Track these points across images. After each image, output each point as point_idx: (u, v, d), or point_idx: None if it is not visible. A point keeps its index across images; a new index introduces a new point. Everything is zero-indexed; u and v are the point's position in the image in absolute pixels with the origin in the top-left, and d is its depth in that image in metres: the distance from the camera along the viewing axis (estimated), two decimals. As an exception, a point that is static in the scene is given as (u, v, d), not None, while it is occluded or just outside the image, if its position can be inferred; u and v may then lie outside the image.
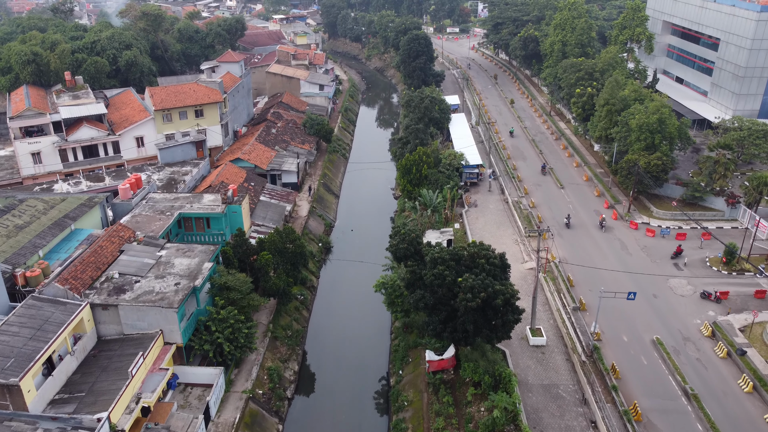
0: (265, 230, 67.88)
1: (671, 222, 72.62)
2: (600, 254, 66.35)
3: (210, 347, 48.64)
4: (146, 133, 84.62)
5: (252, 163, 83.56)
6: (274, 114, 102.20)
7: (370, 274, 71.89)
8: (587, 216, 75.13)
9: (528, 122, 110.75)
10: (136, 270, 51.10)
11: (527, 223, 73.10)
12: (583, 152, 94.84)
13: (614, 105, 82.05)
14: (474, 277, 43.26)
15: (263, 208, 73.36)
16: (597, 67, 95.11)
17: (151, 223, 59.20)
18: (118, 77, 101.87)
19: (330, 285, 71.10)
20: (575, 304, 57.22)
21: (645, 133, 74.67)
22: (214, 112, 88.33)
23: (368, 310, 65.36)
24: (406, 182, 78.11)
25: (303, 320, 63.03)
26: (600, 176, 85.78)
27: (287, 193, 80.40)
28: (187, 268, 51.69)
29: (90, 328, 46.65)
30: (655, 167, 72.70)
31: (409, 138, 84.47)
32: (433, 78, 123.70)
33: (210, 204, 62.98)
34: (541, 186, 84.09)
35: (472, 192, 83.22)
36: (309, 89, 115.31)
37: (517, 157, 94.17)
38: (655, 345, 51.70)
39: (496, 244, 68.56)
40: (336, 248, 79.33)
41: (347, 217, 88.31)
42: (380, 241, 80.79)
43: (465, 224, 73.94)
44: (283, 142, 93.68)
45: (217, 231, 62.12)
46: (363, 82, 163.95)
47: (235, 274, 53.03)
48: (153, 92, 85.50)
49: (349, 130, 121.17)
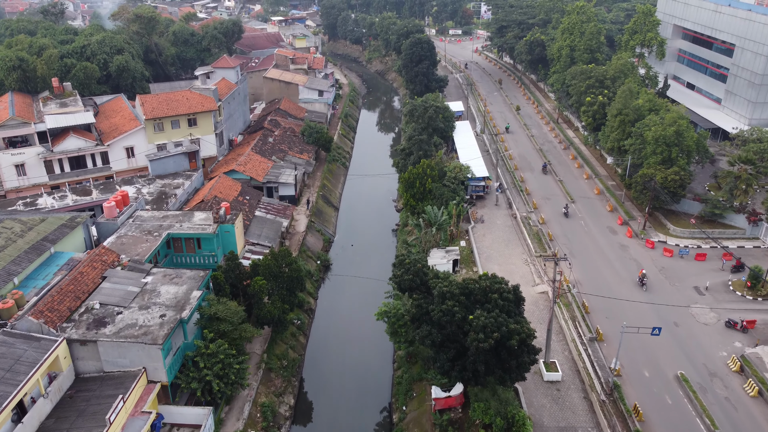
0: (260, 250, 64.00)
1: (689, 240, 68.76)
2: (615, 277, 62.47)
3: (198, 385, 44.76)
4: (136, 144, 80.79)
5: (247, 175, 79.67)
6: (272, 122, 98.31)
7: (371, 293, 68.27)
8: (600, 233, 71.24)
9: (535, 130, 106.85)
10: (119, 300, 47.21)
11: (537, 242, 69.21)
12: (594, 163, 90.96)
13: (627, 115, 78.18)
14: (486, 314, 39.39)
15: (258, 225, 69.48)
16: (608, 75, 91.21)
17: (137, 244, 55.31)
18: (108, 83, 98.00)
19: (329, 307, 67.26)
20: (592, 334, 53.36)
21: (661, 146, 70.80)
22: (208, 121, 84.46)
23: (369, 334, 61.54)
24: (409, 196, 74.24)
25: (300, 347, 59.16)
26: (612, 189, 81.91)
27: (284, 208, 76.51)
28: (174, 297, 47.80)
29: (66, 366, 42.79)
30: (672, 182, 68.83)
31: (412, 149, 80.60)
32: (436, 83, 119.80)
33: (201, 223, 59.09)
34: (551, 200, 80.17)
35: (478, 206, 79.32)
36: (308, 95, 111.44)
37: (525, 168, 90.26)
38: (680, 381, 47.84)
39: (504, 265, 64.99)
40: (335, 265, 75.47)
41: (347, 231, 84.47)
42: (381, 256, 77.25)
43: (471, 242, 70.06)
44: (280, 151, 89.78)
45: (208, 252, 58.23)
46: (363, 85, 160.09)
47: (225, 302, 49.10)
48: (144, 100, 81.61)
49: (350, 137, 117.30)
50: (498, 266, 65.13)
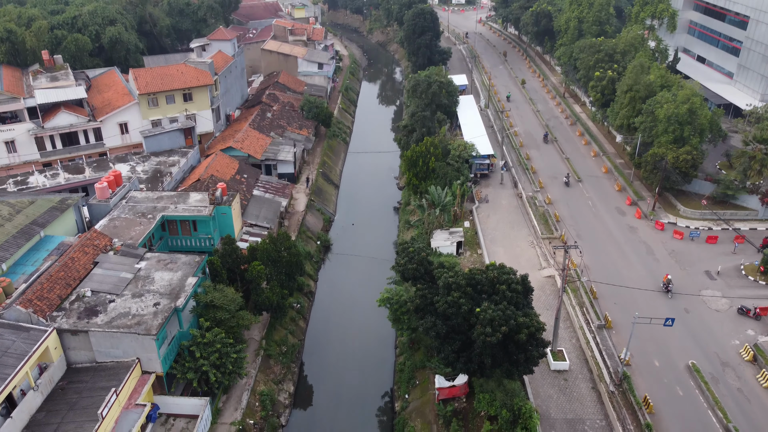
0: (258, 232, 62.12)
1: (700, 222, 66.79)
2: (624, 260, 60.68)
3: (194, 375, 43.30)
4: (130, 119, 78.24)
5: (245, 152, 77.34)
6: (270, 96, 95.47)
7: (372, 273, 66.81)
8: (608, 214, 69.24)
9: (540, 105, 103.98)
10: (112, 287, 45.49)
11: (543, 223, 67.25)
12: (601, 140, 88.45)
13: (638, 92, 75.45)
14: (494, 307, 37.65)
15: (256, 205, 67.45)
16: (618, 48, 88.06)
17: (130, 227, 53.39)
18: (101, 56, 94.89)
19: (329, 289, 65.67)
20: (600, 321, 51.75)
21: (673, 125, 68.32)
22: (204, 96, 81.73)
23: (370, 317, 59.98)
24: (412, 176, 72.01)
25: (299, 332, 57.71)
26: (620, 168, 79.62)
27: (283, 186, 74.38)
28: (168, 283, 46.08)
29: (57, 357, 41.26)
30: (684, 163, 66.56)
31: (415, 126, 78.05)
32: (440, 56, 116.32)
33: (196, 205, 57.07)
34: (557, 179, 77.94)
35: (483, 185, 77.17)
36: (307, 68, 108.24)
37: (530, 145, 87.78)
38: (691, 372, 46.38)
39: (509, 247, 63.19)
40: (336, 246, 73.69)
41: (348, 209, 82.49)
42: (383, 235, 75.54)
43: (476, 223, 68.09)
44: (278, 127, 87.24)
45: (204, 235, 56.37)
46: (364, 57, 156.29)
47: (222, 289, 47.43)
48: (137, 74, 78.78)
49: (350, 111, 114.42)
50: (503, 249, 63.35)
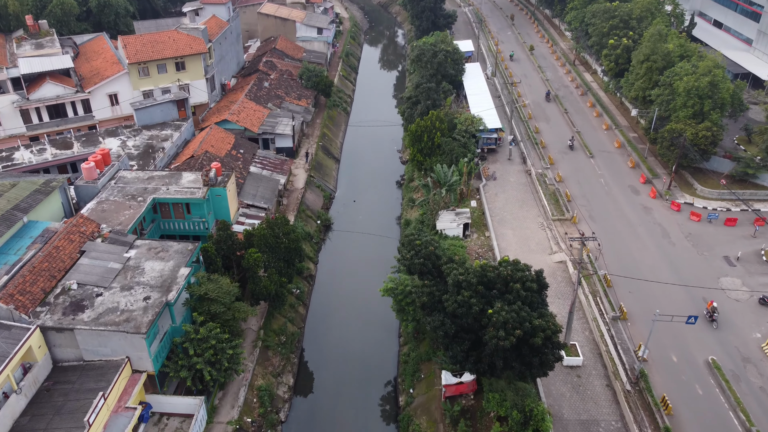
0: (255, 213, 59.17)
1: (718, 203, 63.80)
2: (638, 243, 57.93)
3: (188, 373, 40.97)
4: (120, 90, 74.45)
5: (241, 125, 73.74)
6: (267, 63, 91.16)
7: (374, 254, 64.34)
8: (621, 192, 66.17)
9: (549, 73, 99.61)
10: (99, 278, 42.84)
11: (554, 203, 64.24)
12: (613, 112, 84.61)
13: (656, 62, 71.39)
14: (507, 308, 35.01)
15: (253, 183, 64.32)
16: (633, 14, 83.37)
17: (119, 211, 50.42)
18: (89, 20, 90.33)
19: (330, 272, 63.10)
20: (615, 312, 49.26)
21: (693, 99, 64.65)
22: (197, 65, 77.65)
23: (373, 302, 57.28)
24: (416, 151, 68.68)
25: (299, 319, 55.36)
26: (633, 142, 76.10)
27: (281, 162, 71.08)
28: (159, 275, 43.41)
29: (42, 356, 38.89)
30: (703, 139, 63.17)
31: (420, 98, 74.18)
32: (444, 20, 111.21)
33: (189, 186, 53.96)
34: (568, 154, 74.55)
35: (490, 160, 73.85)
36: (306, 33, 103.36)
37: (539, 118, 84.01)
38: (711, 368, 44.13)
39: (518, 229, 60.41)
40: (337, 224, 70.83)
41: (349, 185, 79.34)
42: (386, 212, 72.70)
43: (483, 202, 65.10)
44: (276, 97, 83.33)
45: (198, 218, 53.44)
46: (365, 19, 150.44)
47: (217, 280, 44.77)
48: (126, 42, 74.54)
49: (351, 78, 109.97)
50: (511, 231, 60.55)
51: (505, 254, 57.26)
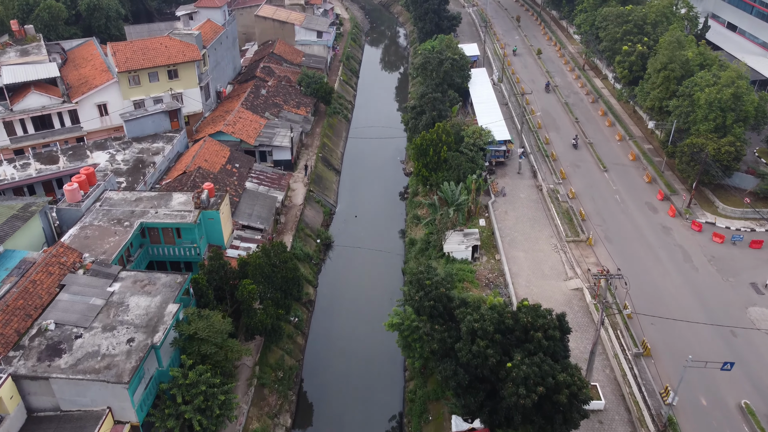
0: (251, 236, 55.56)
1: (741, 222, 60.23)
2: (659, 268, 54.40)
3: (175, 423, 37.51)
4: (110, 100, 70.75)
5: (237, 137, 70.12)
6: (264, 69, 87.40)
7: (378, 275, 61.30)
8: (638, 210, 62.60)
9: (558, 78, 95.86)
10: (79, 317, 39.32)
11: (568, 222, 60.68)
12: (626, 121, 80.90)
13: (674, 71, 67.68)
14: (528, 361, 31.50)
15: (249, 201, 60.72)
16: (648, 19, 79.60)
17: (104, 238, 46.86)
18: (78, 24, 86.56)
19: (330, 296, 59.58)
20: (638, 348, 45.74)
21: (715, 112, 61.04)
22: (191, 72, 73.91)
23: (376, 328, 53.64)
24: (421, 166, 65.07)
25: (297, 350, 51.85)
26: (649, 154, 72.47)
27: (278, 177, 67.44)
28: (145, 312, 39.90)
29: (14, 406, 35.42)
30: (726, 155, 59.59)
31: (425, 108, 70.48)
32: (448, 22, 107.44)
33: (180, 208, 50.41)
34: (580, 167, 70.95)
35: (499, 174, 70.22)
36: (305, 36, 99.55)
37: (550, 127, 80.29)
38: (744, 413, 40.66)
39: (530, 251, 56.84)
40: (338, 241, 67.27)
41: (350, 198, 75.77)
42: (389, 228, 69.36)
43: (492, 221, 61.55)
44: (274, 106, 79.64)
45: (189, 243, 49.92)
46: (366, 19, 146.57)
47: (208, 316, 41.23)
48: (116, 49, 70.78)
49: (352, 83, 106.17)
50: (523, 253, 57.01)
51: (517, 279, 53.84)
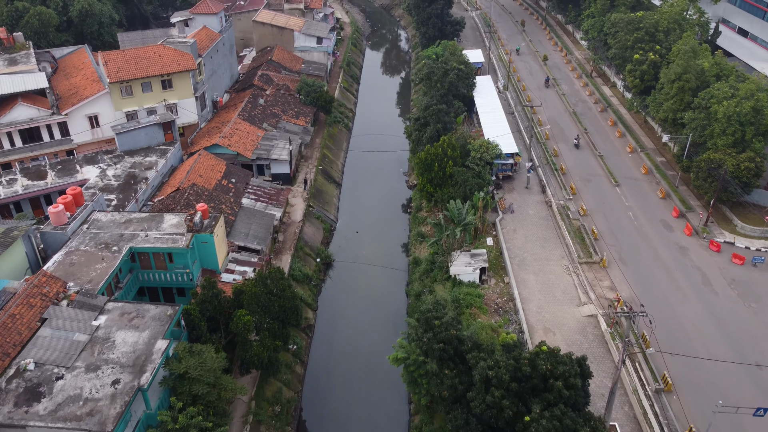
0: (247, 258, 52.76)
1: (761, 242, 57.47)
2: (677, 293, 51.65)
3: (164, 472, 34.86)
4: (101, 111, 67.95)
5: (233, 150, 67.37)
6: (262, 77, 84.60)
7: (381, 293, 59.27)
8: (653, 229, 59.85)
9: (565, 86, 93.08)
10: (61, 355, 36.60)
11: (580, 241, 57.91)
12: (637, 132, 78.09)
13: (689, 81, 64.91)
14: (548, 413, 28.74)
15: (245, 219, 57.93)
16: (660, 26, 76.79)
17: (90, 265, 44.13)
18: (70, 30, 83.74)
19: (331, 319, 56.83)
20: (658, 383, 42.99)
21: (734, 126, 58.30)
22: (186, 82, 71.08)
23: (379, 354, 51.13)
24: (426, 181, 62.38)
25: (296, 381, 49.08)
26: (662, 167, 69.69)
27: (277, 192, 64.67)
28: (132, 349, 37.20)
29: (-11, 457, 32.67)
30: (745, 171, 56.86)
31: (429, 119, 67.71)
32: (452, 27, 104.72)
33: (171, 232, 47.66)
34: (591, 182, 68.19)
35: (506, 189, 67.46)
36: (304, 42, 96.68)
37: (558, 138, 77.46)
38: (775, 457, 37.93)
39: (541, 273, 54.09)
40: (338, 259, 64.52)
41: (351, 212, 73.03)
42: (392, 244, 66.76)
43: (500, 240, 58.82)
44: (272, 116, 76.86)
45: (181, 268, 47.18)
46: (367, 23, 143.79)
47: (200, 352, 38.45)
48: (107, 58, 67.97)
49: (352, 90, 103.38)
50: (533, 276, 54.27)
51: (528, 304, 51.10)
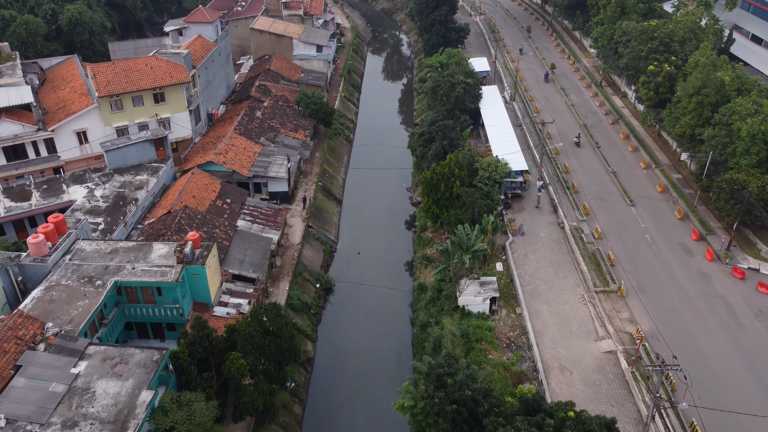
0: (242, 289, 49.46)
1: (788, 268, 54.24)
2: (700, 325, 48.39)
3: None
4: (90, 127, 64.74)
5: (228, 168, 64.12)
6: (260, 88, 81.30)
7: (384, 319, 56.46)
8: (672, 253, 56.58)
9: (574, 96, 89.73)
10: (35, 410, 33.39)
11: (595, 267, 54.65)
12: (651, 146, 74.80)
13: (708, 96, 61.64)
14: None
15: (241, 245, 54.60)
16: (675, 36, 73.46)
17: (71, 302, 40.90)
18: (60, 39, 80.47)
19: (332, 351, 53.55)
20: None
21: (759, 145, 55.05)
22: (179, 95, 67.81)
23: (383, 390, 48.19)
24: (431, 202, 59.11)
25: (294, 422, 45.78)
26: (678, 185, 66.43)
27: (274, 213, 61.39)
28: (114, 402, 34.01)
29: None
30: (771, 193, 53.61)
31: (435, 136, 64.42)
32: (456, 33, 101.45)
33: (160, 263, 44.42)
34: (605, 200, 64.88)
35: (516, 209, 64.18)
36: (304, 51, 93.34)
37: (569, 152, 74.15)
38: None
39: (555, 304, 50.86)
40: (339, 284, 61.26)
41: (352, 231, 69.74)
42: (395, 264, 63.62)
43: (510, 265, 55.58)
44: (270, 130, 73.58)
45: (170, 303, 43.95)
46: (368, 27, 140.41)
47: (189, 402, 35.27)
48: (96, 71, 64.69)
49: (353, 99, 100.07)
50: (547, 306, 51.00)
51: (542, 338, 47.84)
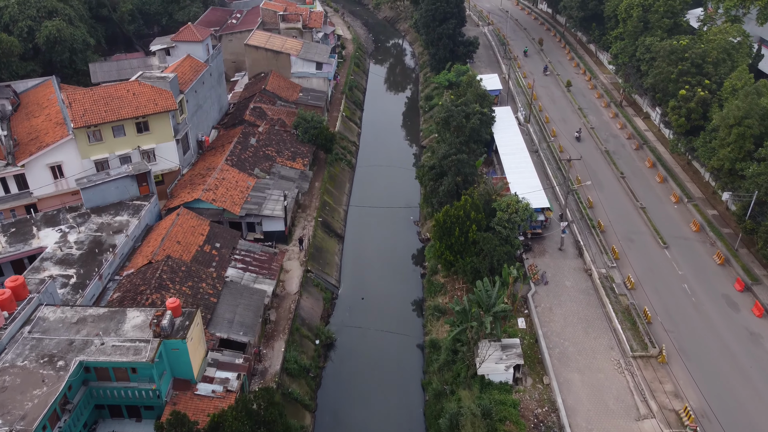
0: (230, 359, 43.18)
1: None
2: (754, 397, 42.26)
3: None
4: (66, 160, 58.67)
5: (218, 206, 57.95)
6: (255, 111, 75.09)
7: (392, 382, 50.08)
8: (714, 306, 50.41)
9: (593, 116, 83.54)
10: None
11: (631, 326, 48.42)
12: (681, 176, 68.58)
13: (751, 127, 55.49)
14: None
15: (230, 299, 48.36)
16: (708, 57, 67.24)
17: (27, 390, 34.71)
18: (37, 59, 74.22)
19: (333, 424, 47.27)
20: None
21: (814, 187, 48.91)
22: (164, 124, 61.63)
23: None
24: (444, 248, 52.91)
25: None
26: (715, 223, 60.26)
27: (269, 258, 55.18)
28: None
29: None
30: (829, 242, 47.44)
31: (447, 170, 58.22)
32: (464, 47, 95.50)
33: (135, 336, 38.26)
34: (635, 242, 58.68)
35: (536, 251, 58.05)
36: (302, 68, 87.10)
37: (593, 185, 67.62)
38: None
39: (587, 372, 44.87)
40: (342, 337, 55.08)
41: (355, 272, 63.61)
42: (403, 310, 57.73)
43: (534, 322, 49.40)
44: (265, 159, 67.42)
45: (146, 383, 37.79)
46: (370, 38, 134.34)
47: None
48: (72, 99, 58.51)
49: (355, 118, 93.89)
50: (578, 374, 44.81)
51: (574, 416, 41.63)
